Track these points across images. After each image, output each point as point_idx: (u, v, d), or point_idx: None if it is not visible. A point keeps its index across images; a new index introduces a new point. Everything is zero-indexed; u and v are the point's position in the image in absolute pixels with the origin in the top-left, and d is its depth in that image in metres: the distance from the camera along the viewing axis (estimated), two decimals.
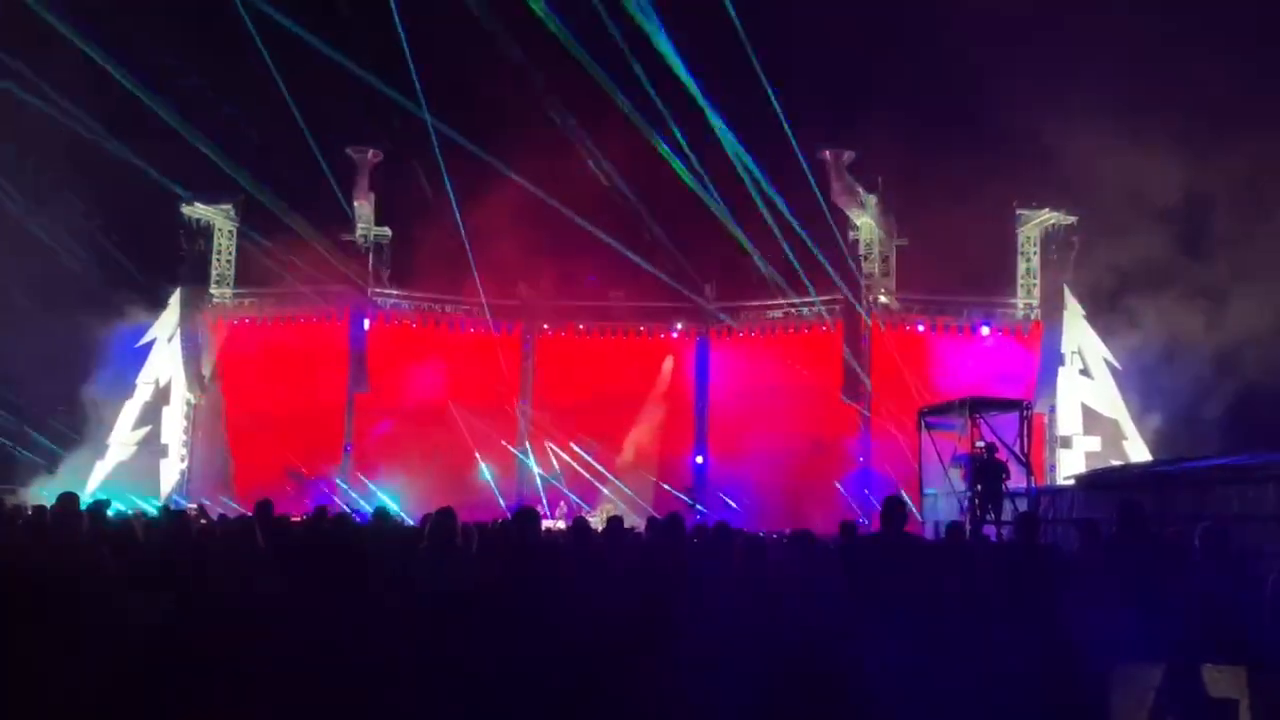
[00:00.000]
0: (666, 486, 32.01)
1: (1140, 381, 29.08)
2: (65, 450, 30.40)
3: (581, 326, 34.84)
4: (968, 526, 15.64)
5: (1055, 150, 27.46)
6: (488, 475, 31.76)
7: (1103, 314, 30.21)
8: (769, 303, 33.70)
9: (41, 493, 23.93)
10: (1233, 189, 25.93)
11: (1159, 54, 25.73)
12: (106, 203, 27.66)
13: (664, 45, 22.69)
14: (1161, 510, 14.03)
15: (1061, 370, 30.48)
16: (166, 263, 32.57)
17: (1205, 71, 23.96)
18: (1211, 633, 6.71)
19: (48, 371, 28.36)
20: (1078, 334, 30.60)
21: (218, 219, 33.49)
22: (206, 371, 32.87)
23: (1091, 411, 30.19)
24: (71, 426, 30.60)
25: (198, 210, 32.93)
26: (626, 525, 12.82)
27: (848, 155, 31.42)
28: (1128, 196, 27.56)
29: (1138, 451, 28.60)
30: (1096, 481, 19.45)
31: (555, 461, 32.83)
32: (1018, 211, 32.07)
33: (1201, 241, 27.28)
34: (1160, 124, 24.88)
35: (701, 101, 24.24)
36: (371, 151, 32.51)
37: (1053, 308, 31.25)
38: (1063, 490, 20.29)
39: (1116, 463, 26.43)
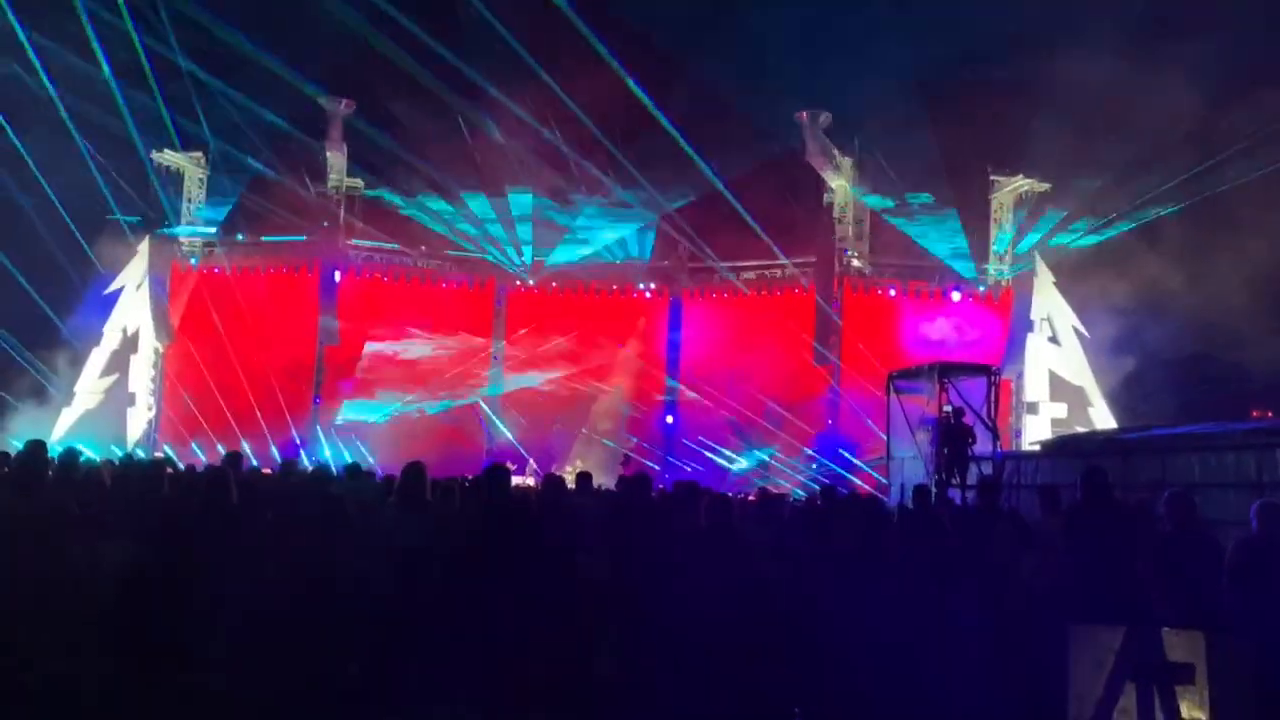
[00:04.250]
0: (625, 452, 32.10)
1: (1102, 347, 29.31)
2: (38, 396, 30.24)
3: (554, 284, 34.73)
4: (933, 490, 15.78)
5: (1032, 117, 27.55)
6: (460, 431, 31.83)
7: (1071, 280, 30.38)
8: (742, 264, 33.72)
9: (14, 441, 23.71)
10: (1206, 156, 26.05)
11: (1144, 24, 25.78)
12: (76, 148, 27.34)
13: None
14: (1125, 477, 14.23)
15: (1030, 337, 30.66)
16: (136, 210, 32.21)
17: (1186, 42, 24.06)
18: (1172, 597, 6.83)
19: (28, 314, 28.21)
20: (1047, 301, 30.75)
21: (188, 167, 33.13)
22: (175, 320, 32.59)
23: (1058, 378, 30.38)
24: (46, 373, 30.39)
25: (167, 157, 32.56)
26: (596, 484, 12.93)
27: (824, 117, 31.34)
28: (1102, 164, 27.73)
29: (1103, 418, 28.86)
30: (1061, 447, 19.65)
31: (525, 419, 32.93)
32: (991, 178, 32.12)
33: (1171, 210, 27.50)
34: (1138, 94, 24.95)
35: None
36: (344, 101, 32.17)
37: (1023, 274, 31.40)
38: (1028, 455, 20.50)
39: (1082, 429, 26.67)
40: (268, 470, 19.37)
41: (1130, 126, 26.16)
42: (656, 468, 30.42)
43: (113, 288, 31.74)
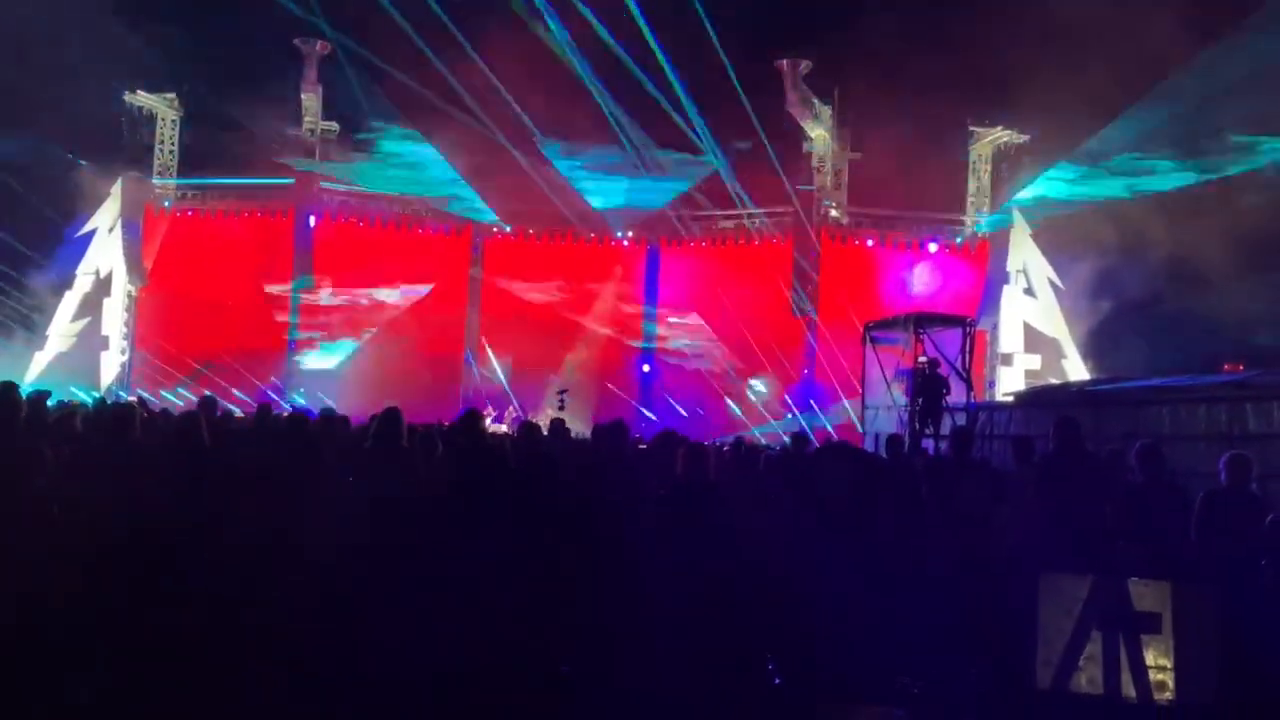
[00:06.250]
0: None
1: (1076, 300, 29.43)
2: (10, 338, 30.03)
3: (531, 231, 34.55)
4: (907, 440, 15.87)
5: (1011, 67, 27.40)
6: (438, 378, 31.79)
7: (1047, 233, 30.43)
8: (720, 213, 33.60)
9: None
10: (1184, 107, 26.04)
11: None
12: (48, 89, 26.90)
13: None
14: (1097, 428, 14.34)
15: (1006, 289, 30.76)
16: (108, 151, 31.76)
17: None
18: (1141, 547, 6.91)
19: None
20: (1023, 253, 30.83)
21: (160, 108, 32.69)
22: (148, 263, 32.30)
23: (1033, 330, 30.56)
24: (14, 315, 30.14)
25: (140, 98, 32.10)
26: (574, 433, 12.93)
27: (804, 65, 31.12)
28: (1079, 116, 27.68)
29: (1076, 370, 29.06)
30: (1034, 399, 19.78)
31: (500, 366, 32.89)
32: (970, 129, 32.03)
33: (1152, 160, 27.54)
34: (1121, 38, 24.88)
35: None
36: (320, 43, 31.71)
37: (1000, 226, 31.43)
38: (1001, 406, 20.63)
39: (1055, 381, 26.84)
40: (241, 414, 19.31)
41: (1113, 73, 26.07)
42: (652, 416, 30.62)
43: (85, 230, 31.43)
